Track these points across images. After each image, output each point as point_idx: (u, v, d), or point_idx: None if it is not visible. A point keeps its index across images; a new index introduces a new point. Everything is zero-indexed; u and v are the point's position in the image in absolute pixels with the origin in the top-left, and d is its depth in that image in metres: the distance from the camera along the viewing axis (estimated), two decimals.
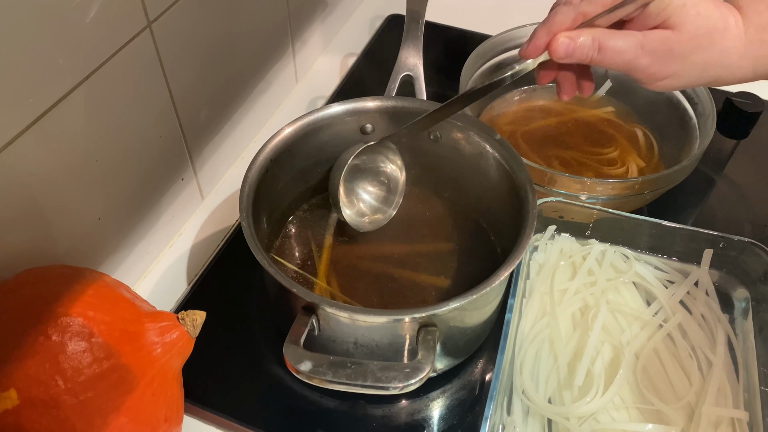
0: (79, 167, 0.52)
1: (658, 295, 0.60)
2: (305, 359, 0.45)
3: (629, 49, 0.48)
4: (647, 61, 0.48)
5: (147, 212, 0.63)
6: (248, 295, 0.63)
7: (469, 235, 0.64)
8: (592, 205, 0.62)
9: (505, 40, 0.75)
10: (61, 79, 0.48)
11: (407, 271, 0.61)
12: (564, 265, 0.62)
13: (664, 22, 0.47)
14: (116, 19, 0.51)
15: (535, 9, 0.95)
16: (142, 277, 0.65)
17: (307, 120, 0.60)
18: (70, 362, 0.41)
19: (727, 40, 0.48)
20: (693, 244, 0.61)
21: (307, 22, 0.84)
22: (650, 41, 0.48)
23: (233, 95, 0.72)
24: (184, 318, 0.48)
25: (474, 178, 0.62)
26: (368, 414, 0.56)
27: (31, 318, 0.42)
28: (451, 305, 0.47)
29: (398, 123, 0.62)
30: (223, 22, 0.65)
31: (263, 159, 0.57)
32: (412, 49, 0.69)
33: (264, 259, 0.49)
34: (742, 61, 0.49)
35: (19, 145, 0.46)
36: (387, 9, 0.96)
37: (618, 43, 0.48)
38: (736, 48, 0.48)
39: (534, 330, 0.58)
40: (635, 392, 0.54)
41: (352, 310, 0.48)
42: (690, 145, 0.69)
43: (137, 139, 0.58)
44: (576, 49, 0.48)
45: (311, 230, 0.65)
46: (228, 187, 0.74)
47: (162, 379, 0.46)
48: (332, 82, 0.86)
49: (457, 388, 0.57)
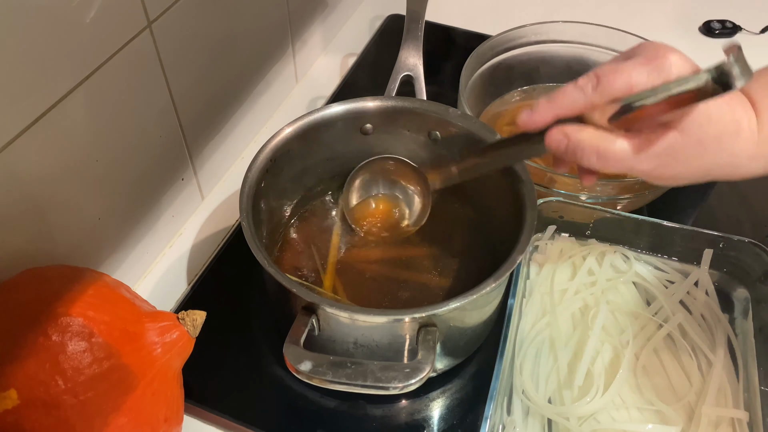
0: (79, 167, 0.52)
1: (658, 295, 0.60)
2: (305, 359, 0.45)
3: (629, 157, 0.45)
4: (649, 166, 0.45)
5: (147, 212, 0.63)
6: (248, 295, 0.63)
7: (470, 235, 0.64)
8: (592, 205, 0.62)
9: (505, 40, 0.75)
10: (61, 79, 0.48)
11: (407, 271, 0.62)
12: (564, 265, 0.62)
13: (673, 121, 0.43)
14: (116, 19, 0.51)
15: (535, 9, 0.96)
16: (142, 277, 0.65)
17: (307, 120, 0.60)
18: (70, 362, 0.41)
19: (739, 143, 0.45)
20: (693, 244, 0.61)
21: (307, 22, 0.84)
22: (653, 146, 0.44)
23: (233, 95, 0.72)
24: (184, 318, 0.48)
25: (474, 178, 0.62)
26: (368, 414, 0.56)
27: (31, 318, 0.42)
28: (451, 305, 0.47)
29: (398, 123, 0.62)
30: (223, 22, 0.65)
31: (263, 159, 0.57)
32: (412, 49, 0.69)
33: (264, 259, 0.49)
34: (752, 162, 0.46)
35: (19, 145, 0.46)
36: (387, 9, 0.96)
37: (617, 148, 0.45)
38: (747, 150, 0.45)
39: (534, 330, 0.58)
40: (635, 392, 0.54)
41: (352, 310, 0.48)
42: None
43: (137, 139, 0.58)
44: (570, 149, 0.46)
45: (312, 230, 0.65)
46: (228, 187, 0.74)
47: (162, 379, 0.46)
48: (332, 82, 0.86)
49: (457, 388, 0.57)
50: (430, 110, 0.61)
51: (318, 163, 0.64)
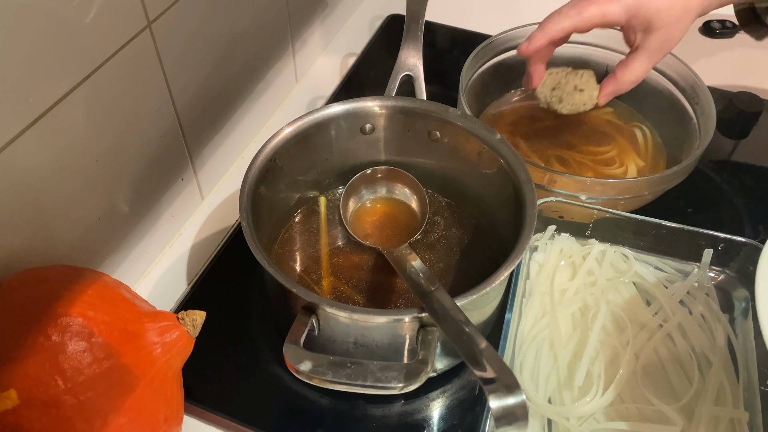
0: (79, 167, 0.52)
1: (658, 295, 0.60)
2: (305, 359, 0.45)
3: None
4: None
5: (147, 212, 0.63)
6: (248, 295, 0.63)
7: (469, 235, 0.64)
8: (592, 205, 0.62)
9: (505, 40, 0.75)
10: (61, 79, 0.48)
11: None
12: (564, 265, 0.62)
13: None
14: (116, 19, 0.51)
15: (535, 9, 0.95)
16: (142, 277, 0.65)
17: (307, 120, 0.60)
18: (70, 362, 0.41)
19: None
20: (693, 244, 0.61)
21: (307, 22, 0.84)
22: None
23: (233, 95, 0.72)
24: (184, 318, 0.48)
25: (474, 178, 0.62)
26: (368, 414, 0.56)
27: (31, 318, 0.42)
28: None
29: (398, 123, 0.62)
30: (223, 22, 0.65)
31: (263, 159, 0.57)
32: (412, 49, 0.69)
33: (264, 259, 0.49)
34: None
35: (19, 145, 0.46)
36: (387, 9, 0.96)
37: None
38: None
39: (534, 330, 0.58)
40: (635, 392, 0.54)
41: (352, 310, 0.48)
42: (690, 145, 0.69)
43: (137, 139, 0.58)
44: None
45: (312, 230, 0.65)
46: (228, 187, 0.74)
47: (162, 379, 0.46)
48: (332, 82, 0.86)
49: (457, 388, 0.57)
50: (430, 110, 0.61)
51: (318, 163, 0.64)
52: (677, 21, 0.59)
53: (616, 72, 0.63)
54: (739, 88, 0.77)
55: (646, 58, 0.61)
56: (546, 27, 0.59)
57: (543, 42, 0.59)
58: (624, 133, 0.75)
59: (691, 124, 0.70)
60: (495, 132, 0.59)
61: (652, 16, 0.58)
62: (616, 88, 0.63)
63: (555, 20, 0.59)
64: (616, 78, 0.63)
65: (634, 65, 0.61)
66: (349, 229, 0.63)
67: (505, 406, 0.40)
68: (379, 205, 0.66)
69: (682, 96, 0.72)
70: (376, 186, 0.66)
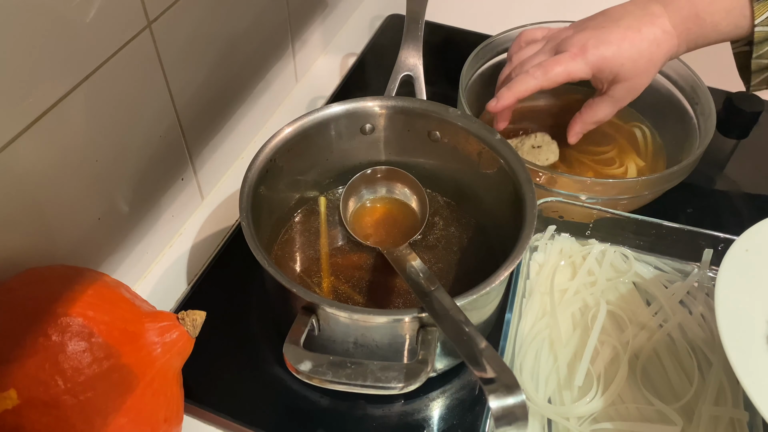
0: (79, 167, 0.52)
1: (658, 295, 0.60)
2: (305, 359, 0.45)
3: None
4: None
5: (147, 212, 0.63)
6: (248, 295, 0.63)
7: (469, 235, 0.64)
8: (592, 205, 0.62)
9: (505, 40, 0.75)
10: (61, 79, 0.48)
11: None
12: (564, 265, 0.62)
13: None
14: (116, 19, 0.51)
15: (535, 9, 0.95)
16: (142, 277, 0.65)
17: (307, 120, 0.60)
18: (70, 362, 0.41)
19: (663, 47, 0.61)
20: (693, 244, 0.61)
21: (307, 22, 0.84)
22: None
23: (233, 95, 0.72)
24: (184, 318, 0.48)
25: (474, 178, 0.62)
26: (368, 414, 0.56)
27: (31, 318, 0.42)
28: None
29: (398, 123, 0.62)
30: (223, 22, 0.65)
31: (263, 159, 0.57)
32: (412, 49, 0.69)
33: (264, 259, 0.49)
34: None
35: (18, 145, 0.46)
36: (387, 9, 0.96)
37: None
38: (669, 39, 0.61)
39: (534, 330, 0.58)
40: (635, 392, 0.54)
41: (352, 310, 0.48)
42: (690, 145, 0.69)
43: (137, 139, 0.58)
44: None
45: (312, 230, 0.65)
46: (228, 187, 0.74)
47: (162, 379, 0.46)
48: (332, 82, 0.86)
49: (457, 388, 0.57)
50: (430, 110, 0.61)
51: (318, 163, 0.64)
52: (642, 73, 0.62)
53: (582, 111, 0.67)
54: (739, 88, 0.77)
55: (611, 104, 0.65)
56: (514, 87, 0.62)
57: (511, 102, 0.63)
58: (624, 133, 0.75)
59: (691, 124, 0.70)
60: (495, 132, 0.59)
61: (617, 70, 0.61)
62: (582, 128, 0.68)
63: (523, 80, 0.62)
64: (582, 118, 0.67)
65: (600, 107, 0.65)
66: (349, 229, 0.63)
67: (505, 406, 0.40)
68: (379, 205, 0.66)
69: (682, 96, 0.72)
70: (376, 186, 0.66)
